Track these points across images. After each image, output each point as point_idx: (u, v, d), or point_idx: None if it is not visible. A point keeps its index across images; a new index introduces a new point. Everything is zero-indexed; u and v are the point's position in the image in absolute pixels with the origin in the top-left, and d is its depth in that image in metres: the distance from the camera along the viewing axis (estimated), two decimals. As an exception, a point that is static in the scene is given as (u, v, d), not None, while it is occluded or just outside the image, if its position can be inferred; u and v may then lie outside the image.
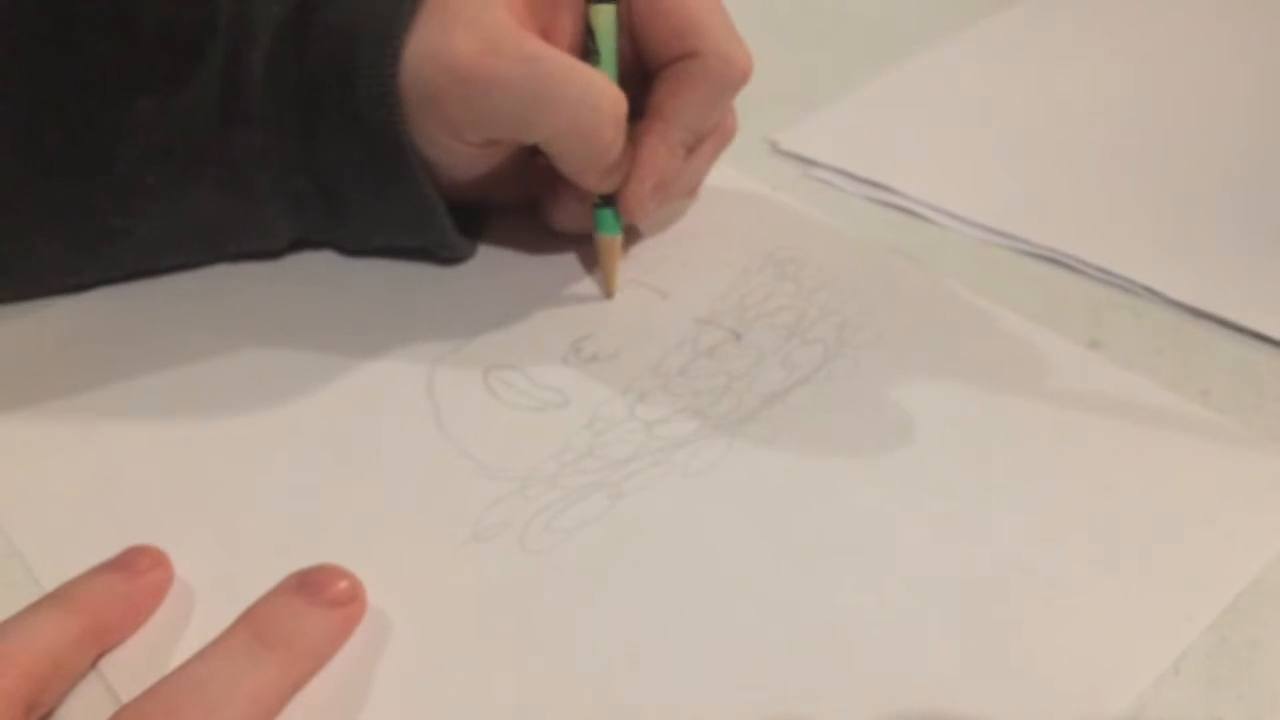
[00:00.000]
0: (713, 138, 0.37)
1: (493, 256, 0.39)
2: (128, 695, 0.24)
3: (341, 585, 0.26)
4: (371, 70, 0.32)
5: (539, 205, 0.38)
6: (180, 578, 0.27)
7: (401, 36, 0.32)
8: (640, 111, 0.35)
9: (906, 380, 0.33)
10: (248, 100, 0.33)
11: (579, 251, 0.39)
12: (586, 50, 0.34)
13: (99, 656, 0.26)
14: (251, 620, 0.25)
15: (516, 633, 0.26)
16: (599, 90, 0.32)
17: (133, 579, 0.27)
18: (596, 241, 0.36)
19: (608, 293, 0.37)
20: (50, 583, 0.26)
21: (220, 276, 0.38)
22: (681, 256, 0.39)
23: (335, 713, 0.25)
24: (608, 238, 0.36)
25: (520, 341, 0.35)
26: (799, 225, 0.40)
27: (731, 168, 0.41)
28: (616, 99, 0.33)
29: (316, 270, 0.38)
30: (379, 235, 0.37)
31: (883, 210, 0.41)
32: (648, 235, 0.39)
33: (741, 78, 0.35)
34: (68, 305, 0.36)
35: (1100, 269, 0.37)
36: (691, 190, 0.39)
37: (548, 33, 0.33)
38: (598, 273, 0.37)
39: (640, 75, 0.35)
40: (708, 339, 0.35)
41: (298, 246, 0.38)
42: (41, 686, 0.24)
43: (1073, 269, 0.38)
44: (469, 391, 0.33)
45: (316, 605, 0.26)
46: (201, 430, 0.32)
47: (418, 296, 0.37)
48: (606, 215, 0.36)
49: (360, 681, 0.25)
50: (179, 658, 0.24)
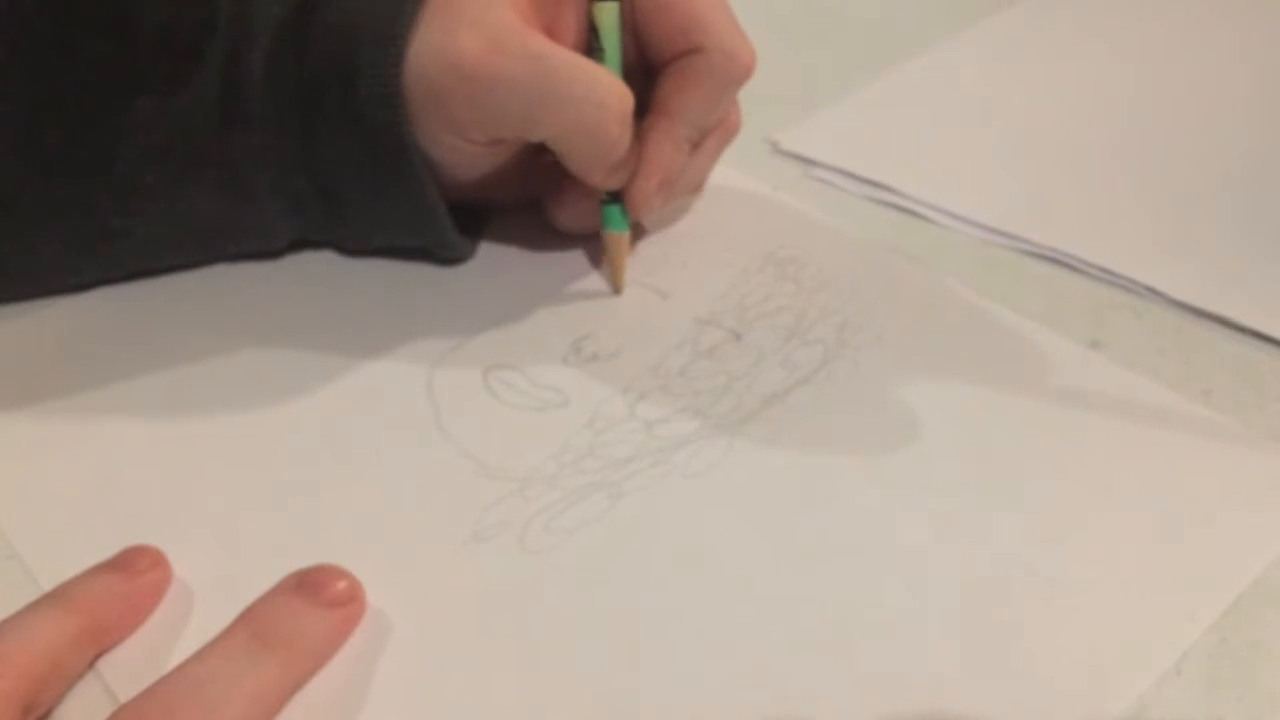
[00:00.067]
0: (717, 133, 0.37)
1: (493, 256, 0.39)
2: (126, 695, 0.24)
3: (341, 585, 0.26)
4: (374, 70, 0.32)
5: (542, 204, 0.38)
6: (179, 578, 0.27)
7: (405, 36, 0.32)
8: (644, 108, 0.35)
9: (907, 380, 0.33)
10: (247, 100, 0.33)
11: (579, 251, 0.39)
12: (590, 48, 0.34)
13: (97, 657, 0.26)
14: (251, 620, 0.25)
15: (516, 633, 0.26)
16: (605, 87, 0.32)
17: (131, 579, 0.27)
18: (604, 238, 0.36)
19: (616, 289, 0.37)
20: (49, 582, 0.26)
21: (220, 276, 0.38)
22: (682, 256, 0.38)
23: (335, 713, 0.25)
24: (616, 234, 0.36)
25: (520, 341, 0.35)
26: (799, 225, 0.40)
27: (732, 168, 0.41)
28: (622, 95, 0.33)
29: (316, 270, 0.38)
30: (379, 235, 0.37)
31: (883, 210, 0.41)
32: (648, 235, 0.39)
33: (745, 72, 0.35)
34: (68, 305, 0.36)
35: (1102, 269, 0.37)
36: (697, 186, 0.39)
37: (551, 30, 0.33)
38: (603, 270, 0.37)
39: (644, 72, 0.35)
40: (708, 339, 0.35)
41: (297, 246, 0.38)
42: (39, 687, 0.24)
43: (1074, 269, 0.38)
44: (469, 391, 0.33)
45: (316, 605, 0.26)
46: (201, 430, 0.32)
47: (418, 296, 0.37)
48: (614, 212, 0.36)
49: (360, 681, 0.25)
50: (178, 658, 0.24)
